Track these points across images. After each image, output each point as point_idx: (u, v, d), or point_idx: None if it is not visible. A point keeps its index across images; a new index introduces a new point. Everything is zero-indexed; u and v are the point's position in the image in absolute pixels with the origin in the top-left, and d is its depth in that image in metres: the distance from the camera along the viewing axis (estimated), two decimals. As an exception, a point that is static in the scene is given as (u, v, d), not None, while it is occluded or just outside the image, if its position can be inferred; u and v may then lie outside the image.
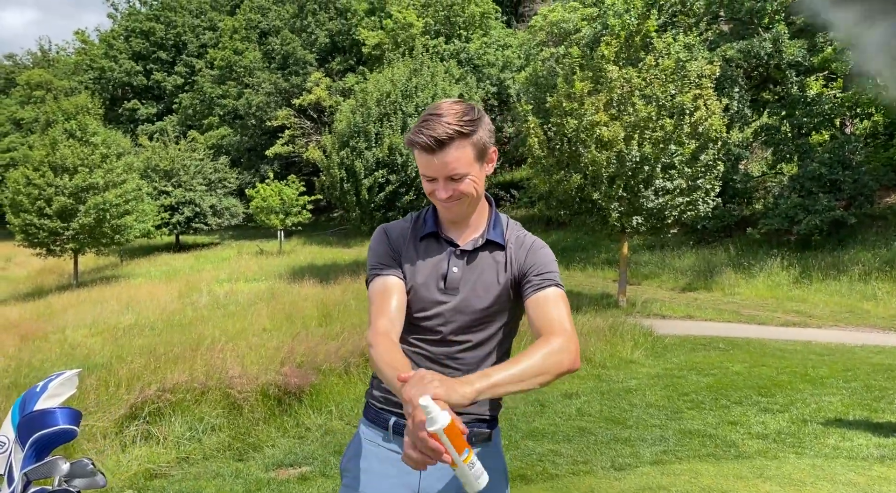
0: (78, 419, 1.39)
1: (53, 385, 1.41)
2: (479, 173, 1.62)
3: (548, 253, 1.72)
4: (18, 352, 15.94)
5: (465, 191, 1.61)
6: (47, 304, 22.28)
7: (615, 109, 13.68)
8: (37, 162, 24.70)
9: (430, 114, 1.57)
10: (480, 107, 1.66)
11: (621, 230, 14.28)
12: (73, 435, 1.36)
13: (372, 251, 1.76)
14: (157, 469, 4.02)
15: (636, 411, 6.18)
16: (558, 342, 1.49)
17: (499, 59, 31.92)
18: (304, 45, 40.29)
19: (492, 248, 1.71)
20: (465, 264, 1.70)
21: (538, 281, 1.64)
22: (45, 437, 1.32)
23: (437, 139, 1.53)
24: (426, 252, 1.73)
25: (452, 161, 1.56)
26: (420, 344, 1.71)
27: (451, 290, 1.68)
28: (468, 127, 1.56)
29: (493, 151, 1.67)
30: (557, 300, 1.61)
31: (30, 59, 64.51)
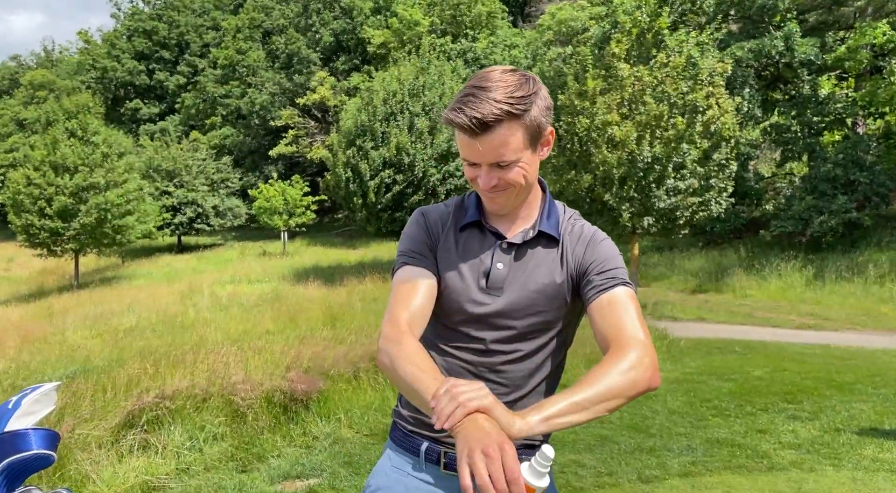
0: (55, 443, 1.13)
1: (27, 401, 1.16)
2: (530, 159, 1.34)
3: (610, 246, 1.45)
4: (19, 353, 15.72)
5: (512, 180, 1.34)
6: (48, 305, 22.06)
7: (626, 107, 13.42)
8: (37, 161, 24.52)
9: (475, 86, 1.29)
10: (537, 78, 1.36)
11: (632, 231, 14.03)
12: (50, 461, 1.11)
13: (405, 236, 1.50)
14: (155, 482, 3.76)
15: (658, 418, 5.91)
16: (631, 357, 1.22)
17: (506, 59, 31.70)
18: (309, 45, 40.11)
19: (544, 241, 1.44)
20: (513, 260, 1.43)
21: (602, 281, 1.36)
22: (16, 463, 1.06)
23: (481, 120, 1.25)
24: (467, 244, 1.46)
25: (499, 146, 1.29)
26: (455, 352, 1.44)
27: (495, 290, 1.41)
28: (521, 105, 1.27)
29: (550, 132, 1.38)
30: (627, 303, 1.33)
31: (33, 60, 64.56)
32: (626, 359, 1.22)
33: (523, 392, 1.42)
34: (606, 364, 1.21)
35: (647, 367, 1.23)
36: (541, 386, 1.44)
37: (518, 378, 1.42)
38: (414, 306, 1.36)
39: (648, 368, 1.23)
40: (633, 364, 1.21)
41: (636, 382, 1.21)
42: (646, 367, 1.22)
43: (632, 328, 1.28)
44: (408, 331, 1.32)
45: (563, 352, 1.50)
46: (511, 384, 1.41)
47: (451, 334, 1.44)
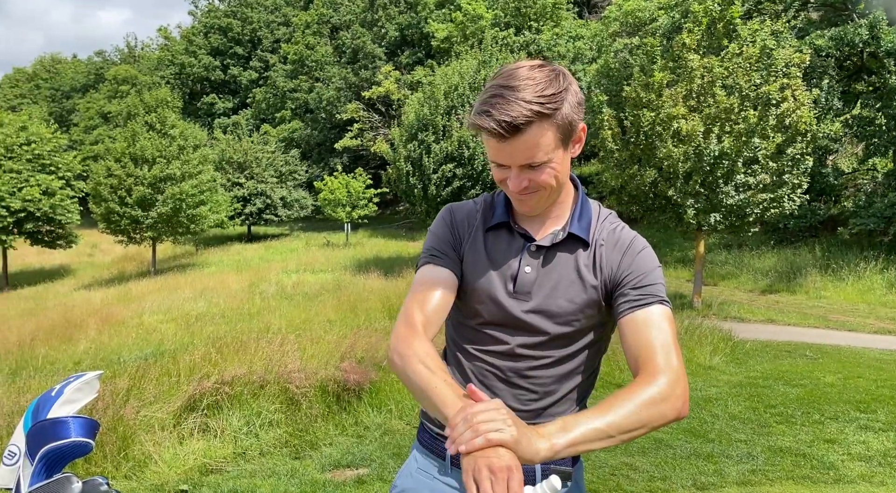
0: (94, 431, 1.18)
1: (70, 389, 1.21)
2: (562, 158, 1.29)
3: (650, 257, 1.37)
4: (99, 335, 16.67)
5: (543, 182, 1.29)
6: (127, 290, 23.24)
7: (694, 100, 12.98)
8: (118, 153, 25.81)
9: (501, 86, 1.22)
10: (566, 71, 1.28)
11: (697, 228, 13.58)
12: (87, 449, 1.16)
13: (431, 233, 1.47)
14: (212, 464, 3.91)
15: (718, 423, 5.72)
16: (662, 387, 1.18)
17: (570, 51, 31.19)
18: (374, 40, 40.57)
19: (574, 245, 1.38)
20: (541, 264, 1.38)
21: (637, 296, 1.30)
22: (55, 450, 1.12)
23: (510, 124, 1.19)
24: (495, 245, 1.41)
25: (530, 148, 1.23)
26: (483, 356, 1.40)
27: (522, 294, 1.37)
28: (552, 104, 1.21)
29: (583, 128, 1.31)
30: (661, 323, 1.27)
31: (117, 55, 67.86)
32: (656, 388, 1.17)
33: (553, 399, 1.39)
34: (635, 391, 1.17)
35: (678, 398, 1.18)
36: (572, 393, 1.41)
37: (547, 384, 1.38)
38: (430, 308, 1.34)
39: (679, 398, 1.19)
40: (663, 395, 1.17)
41: (664, 414, 1.17)
42: (676, 397, 1.18)
43: (665, 353, 1.23)
44: (421, 332, 1.30)
45: (597, 358, 1.45)
46: (540, 390, 1.38)
47: (478, 336, 1.41)
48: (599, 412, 1.13)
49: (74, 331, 17.42)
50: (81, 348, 15.23)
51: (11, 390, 5.21)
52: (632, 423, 1.13)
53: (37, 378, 7.93)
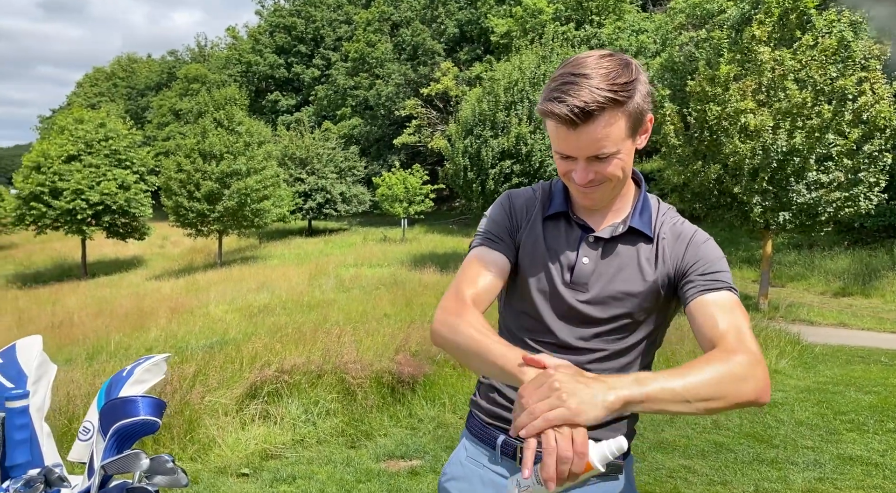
0: (161, 410, 1.24)
1: (139, 370, 1.28)
2: (629, 150, 1.26)
3: (714, 248, 1.34)
4: (168, 324, 17.41)
5: (610, 174, 1.25)
6: (194, 280, 24.18)
7: (764, 94, 12.49)
8: (188, 149, 26.85)
9: (571, 73, 1.18)
10: (636, 62, 1.25)
11: (765, 227, 13.08)
12: (154, 428, 1.21)
13: (487, 218, 1.45)
14: (272, 450, 4.03)
15: (783, 428, 5.52)
16: (742, 362, 1.09)
17: (632, 45, 30.52)
18: (434, 36, 40.75)
19: (636, 238, 1.35)
20: (600, 256, 1.35)
21: (704, 282, 1.26)
22: (125, 427, 1.18)
23: (583, 109, 1.15)
24: (553, 235, 1.39)
25: (601, 138, 1.19)
26: (539, 347, 1.38)
27: (579, 286, 1.34)
28: (624, 92, 1.18)
29: (650, 119, 1.28)
30: (734, 308, 1.21)
31: (188, 54, 70.49)
32: (734, 364, 1.09)
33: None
34: (713, 362, 1.08)
35: (759, 379, 1.10)
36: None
37: None
38: (481, 285, 1.32)
39: (760, 380, 1.10)
40: (745, 372, 1.08)
41: (744, 391, 1.08)
42: (758, 379, 1.10)
43: (739, 335, 1.16)
44: (471, 305, 1.27)
45: (652, 353, 1.42)
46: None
47: (535, 326, 1.39)
48: (676, 374, 1.04)
49: (146, 319, 18.24)
50: (152, 336, 15.93)
51: (88, 373, 5.50)
52: (711, 391, 1.04)
53: (111, 362, 8.36)
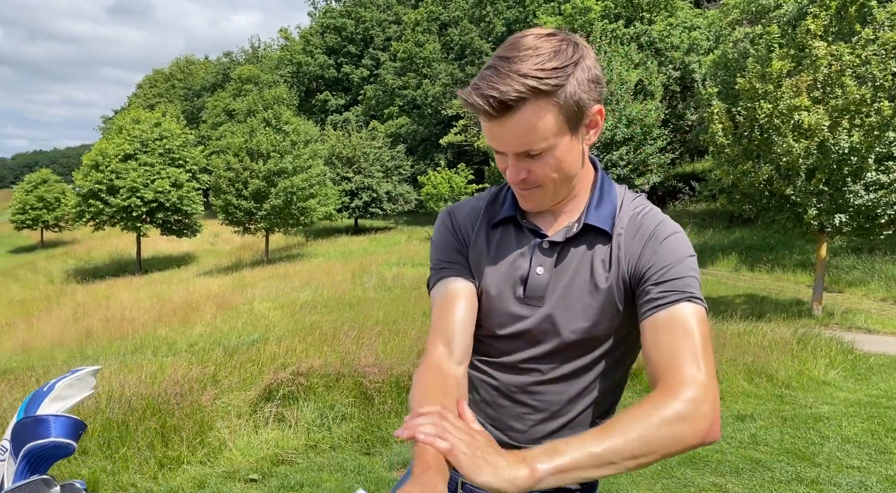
0: (77, 431, 1.15)
1: (61, 385, 1.19)
2: (570, 146, 1.09)
3: (678, 244, 1.13)
4: (213, 319, 17.81)
5: (543, 175, 1.10)
6: (241, 277, 24.69)
7: (819, 90, 11.91)
8: (237, 148, 27.45)
9: (499, 56, 1.05)
10: (583, 42, 1.09)
11: (819, 230, 12.48)
12: (68, 451, 1.12)
13: (433, 244, 1.30)
14: (284, 455, 3.98)
15: (828, 445, 5.18)
16: (682, 403, 0.96)
17: (684, 42, 29.69)
18: (481, 35, 40.60)
19: (592, 238, 1.17)
20: (554, 264, 1.18)
21: (660, 294, 1.08)
22: (36, 449, 1.09)
23: (498, 100, 1.01)
24: (501, 244, 1.23)
25: (526, 132, 1.05)
26: (486, 368, 1.25)
27: (534, 300, 1.18)
28: (553, 79, 1.02)
29: (598, 111, 1.10)
30: (690, 326, 1.04)
31: (242, 56, 72.23)
32: (674, 405, 0.96)
33: (564, 420, 1.21)
34: (647, 408, 0.96)
35: (703, 418, 0.96)
36: (586, 413, 1.21)
37: (556, 402, 1.20)
38: (450, 327, 1.19)
39: (704, 418, 0.96)
40: (681, 414, 0.95)
41: (683, 437, 0.95)
42: (700, 417, 0.96)
43: (689, 362, 1.01)
44: (435, 359, 1.16)
45: (618, 372, 1.23)
46: (547, 410, 1.20)
47: (483, 347, 1.25)
48: (600, 434, 0.94)
49: (193, 314, 18.70)
50: (197, 331, 16.32)
51: (120, 369, 5.58)
52: (639, 448, 0.93)
53: (151, 357, 8.53)
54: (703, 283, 6.41)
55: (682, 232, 1.16)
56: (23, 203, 47.70)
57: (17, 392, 4.59)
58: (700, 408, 0.97)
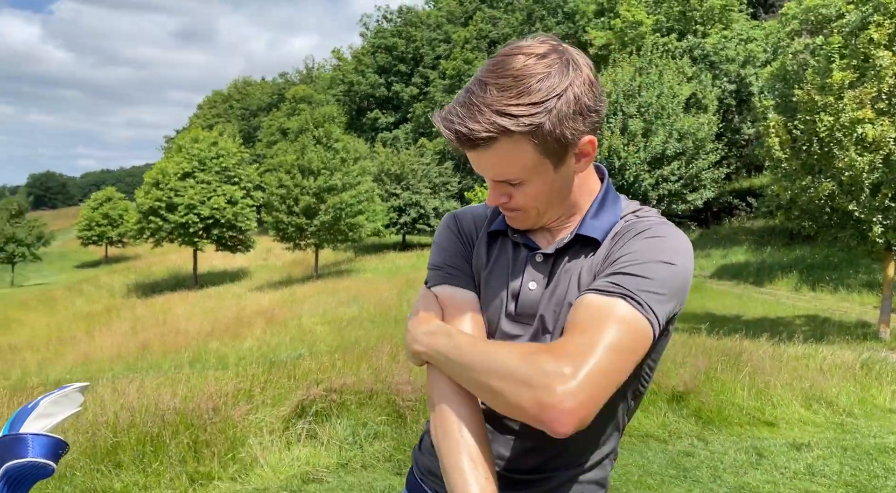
0: (56, 452, 1.10)
1: (45, 403, 1.15)
2: (552, 178, 1.01)
3: (654, 247, 1.00)
4: (263, 334, 18.12)
5: (522, 206, 1.05)
6: (291, 292, 25.10)
7: (884, 102, 11.36)
8: (288, 165, 28.09)
9: (480, 80, 0.98)
10: (581, 61, 0.99)
11: (886, 248, 11.84)
12: (47, 472, 1.08)
13: (436, 246, 1.21)
14: (314, 473, 3.93)
15: (893, 479, 4.83)
16: (538, 366, 0.88)
17: (739, 54, 28.95)
18: (530, 51, 40.66)
19: (584, 249, 1.07)
20: (547, 279, 1.09)
21: (602, 283, 0.97)
22: (14, 469, 1.05)
23: (468, 137, 0.95)
24: (498, 256, 1.15)
25: (500, 164, 0.99)
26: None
27: (525, 317, 1.09)
28: (527, 118, 0.93)
29: (589, 141, 1.00)
30: (604, 318, 0.92)
31: (297, 76, 74.26)
32: (531, 362, 0.89)
33: (552, 451, 1.09)
34: (520, 348, 0.95)
35: (552, 398, 0.86)
36: (577, 447, 1.09)
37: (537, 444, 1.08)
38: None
39: (552, 400, 0.85)
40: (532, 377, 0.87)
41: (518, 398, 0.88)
42: (548, 393, 0.86)
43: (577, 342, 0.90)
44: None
45: (618, 402, 1.09)
46: (534, 438, 1.07)
47: None
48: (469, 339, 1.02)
49: (243, 329, 19.08)
50: (247, 346, 16.62)
51: (162, 383, 5.66)
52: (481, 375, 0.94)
53: (198, 370, 8.68)
54: (760, 302, 6.09)
55: (675, 239, 1.03)
56: (89, 220, 49.91)
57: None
58: (551, 386, 0.86)
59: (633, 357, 0.93)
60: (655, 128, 17.65)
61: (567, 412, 0.86)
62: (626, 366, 0.92)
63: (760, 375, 5.89)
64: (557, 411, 0.86)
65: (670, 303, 0.98)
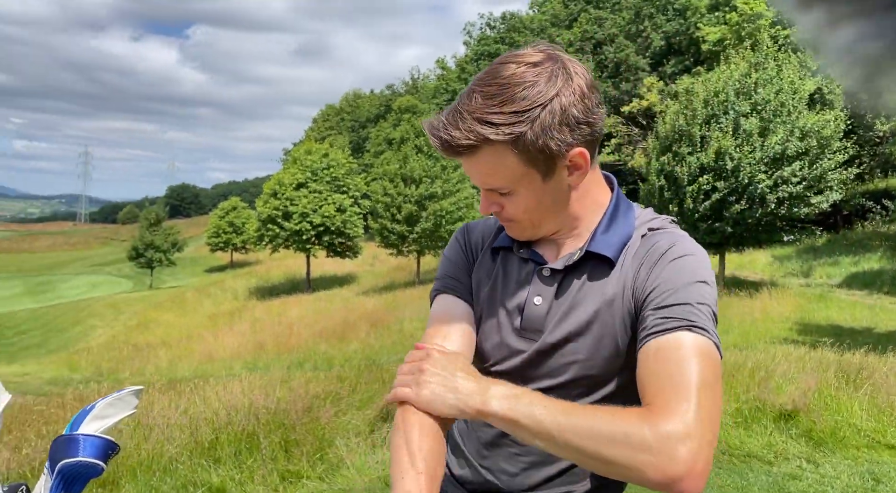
0: (106, 452, 1.19)
1: (101, 405, 1.25)
2: (542, 189, 1.00)
3: (687, 267, 0.97)
4: (367, 337, 18.69)
5: (515, 215, 1.04)
6: (394, 297, 25.73)
7: None
8: (392, 174, 28.91)
9: (471, 87, 0.98)
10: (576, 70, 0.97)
11: None
12: (97, 471, 1.16)
13: (443, 257, 1.24)
14: (397, 477, 4.00)
15: None
16: (652, 433, 0.82)
17: (872, 43, 26.59)
18: (638, 51, 39.37)
19: (597, 266, 1.04)
20: (555, 294, 1.06)
21: (655, 322, 0.93)
22: (68, 468, 1.15)
23: (451, 145, 0.96)
24: (505, 268, 1.13)
25: (486, 172, 0.99)
26: None
27: (531, 332, 1.07)
28: (507, 127, 0.93)
29: (580, 153, 0.98)
30: (684, 356, 0.88)
31: (403, 87, 76.21)
32: (643, 430, 0.82)
33: (559, 467, 1.07)
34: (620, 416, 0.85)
35: (673, 461, 0.80)
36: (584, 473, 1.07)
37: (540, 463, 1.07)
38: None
39: (674, 462, 0.80)
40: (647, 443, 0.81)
41: (638, 465, 0.81)
42: (669, 459, 0.80)
43: (677, 393, 0.85)
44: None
45: None
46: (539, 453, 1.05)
47: None
48: (564, 406, 0.88)
49: (349, 332, 19.78)
50: (352, 348, 17.20)
51: (268, 382, 5.97)
52: (588, 442, 0.83)
53: (309, 371, 9.08)
54: (895, 313, 5.52)
55: (700, 256, 1.00)
56: (216, 228, 53.66)
57: (176, 402, 5.02)
58: (674, 449, 0.80)
59: (720, 385, 0.90)
60: (774, 126, 16.54)
61: (699, 474, 0.81)
62: (719, 397, 0.89)
63: (883, 393, 5.35)
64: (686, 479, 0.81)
65: (713, 318, 0.95)
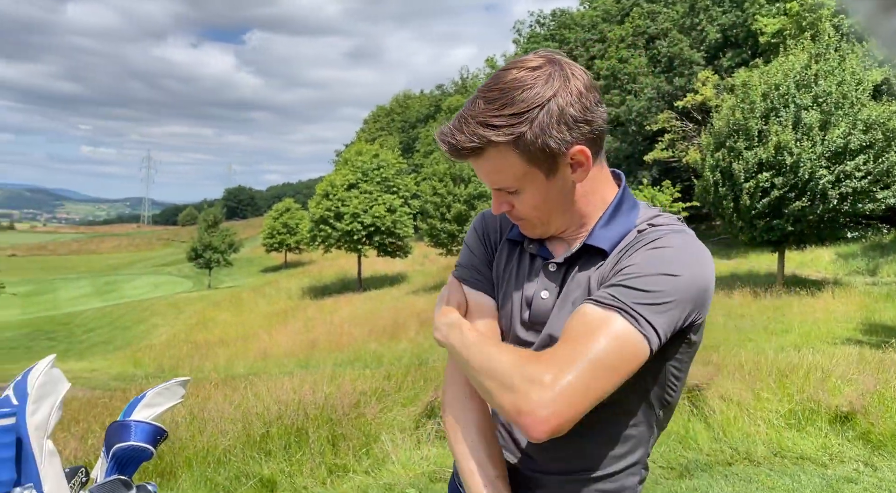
0: (155, 437, 1.28)
1: (151, 394, 1.35)
2: (546, 187, 1.05)
3: (660, 256, 0.99)
4: (416, 335, 18.87)
5: (524, 213, 1.09)
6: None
7: None
8: (441, 174, 29.02)
9: (478, 93, 1.04)
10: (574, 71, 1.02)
11: None
12: (147, 455, 1.26)
13: (464, 245, 1.28)
14: (441, 473, 4.06)
15: None
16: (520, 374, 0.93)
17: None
18: (693, 44, 38.41)
19: (590, 257, 1.08)
20: (559, 288, 1.10)
21: (600, 294, 0.99)
22: (121, 451, 1.25)
23: (456, 148, 1.03)
24: (517, 262, 1.18)
25: (491, 173, 1.05)
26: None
27: (538, 325, 1.11)
28: (508, 128, 0.98)
29: (580, 151, 1.02)
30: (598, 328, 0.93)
31: (452, 87, 76.39)
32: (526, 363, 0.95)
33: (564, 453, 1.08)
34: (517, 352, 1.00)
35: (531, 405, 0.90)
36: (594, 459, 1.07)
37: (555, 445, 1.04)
38: None
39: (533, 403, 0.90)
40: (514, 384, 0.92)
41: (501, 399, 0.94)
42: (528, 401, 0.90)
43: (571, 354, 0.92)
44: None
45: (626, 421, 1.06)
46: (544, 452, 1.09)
47: None
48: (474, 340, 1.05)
49: (399, 331, 20.00)
50: (402, 347, 17.39)
51: (320, 378, 6.12)
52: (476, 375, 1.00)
53: (360, 369, 9.25)
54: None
55: (684, 249, 1.01)
56: (271, 229, 54.99)
57: (230, 397, 5.21)
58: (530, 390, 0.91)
59: (619, 374, 0.93)
60: (835, 119, 15.88)
61: (540, 420, 0.89)
62: (609, 382, 0.93)
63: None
64: (531, 418, 0.90)
65: (673, 312, 0.96)
